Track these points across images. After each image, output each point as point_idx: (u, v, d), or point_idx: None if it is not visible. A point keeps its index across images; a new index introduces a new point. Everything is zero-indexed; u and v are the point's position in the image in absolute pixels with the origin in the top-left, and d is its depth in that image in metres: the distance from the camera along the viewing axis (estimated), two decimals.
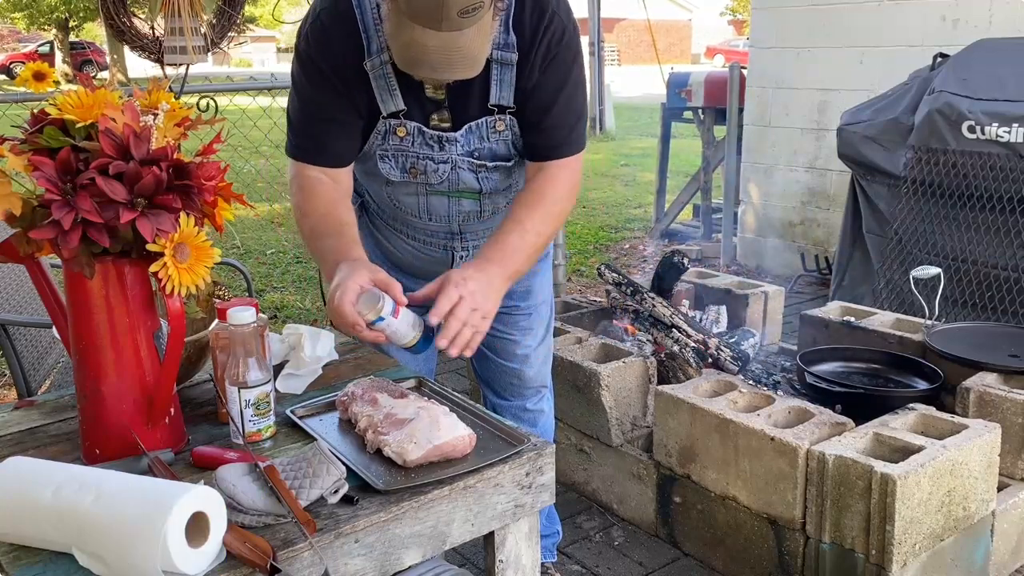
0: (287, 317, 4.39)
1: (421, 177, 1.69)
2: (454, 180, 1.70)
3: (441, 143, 1.65)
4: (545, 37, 1.59)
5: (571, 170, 1.70)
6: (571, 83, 1.65)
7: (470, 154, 1.67)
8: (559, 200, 1.68)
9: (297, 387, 1.56)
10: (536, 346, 2.01)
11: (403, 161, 1.68)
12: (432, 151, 1.66)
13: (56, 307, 1.32)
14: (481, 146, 1.67)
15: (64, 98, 1.15)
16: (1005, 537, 2.26)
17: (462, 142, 1.65)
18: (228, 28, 3.75)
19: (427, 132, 1.64)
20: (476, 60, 1.45)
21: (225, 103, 3.58)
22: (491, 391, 2.06)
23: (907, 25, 4.47)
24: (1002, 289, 3.31)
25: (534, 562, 1.36)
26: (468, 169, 1.69)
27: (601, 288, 4.15)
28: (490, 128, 1.65)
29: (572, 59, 1.64)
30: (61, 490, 1.04)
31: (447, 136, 1.64)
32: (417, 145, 1.65)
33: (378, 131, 1.65)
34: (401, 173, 1.69)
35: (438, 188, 1.71)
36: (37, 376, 2.31)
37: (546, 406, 2.11)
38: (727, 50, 30.20)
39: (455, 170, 1.68)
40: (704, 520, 2.37)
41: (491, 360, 2.01)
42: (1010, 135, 3.24)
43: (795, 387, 2.68)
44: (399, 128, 1.64)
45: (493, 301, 1.52)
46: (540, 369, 2.05)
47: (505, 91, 1.62)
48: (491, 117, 1.64)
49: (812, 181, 5.09)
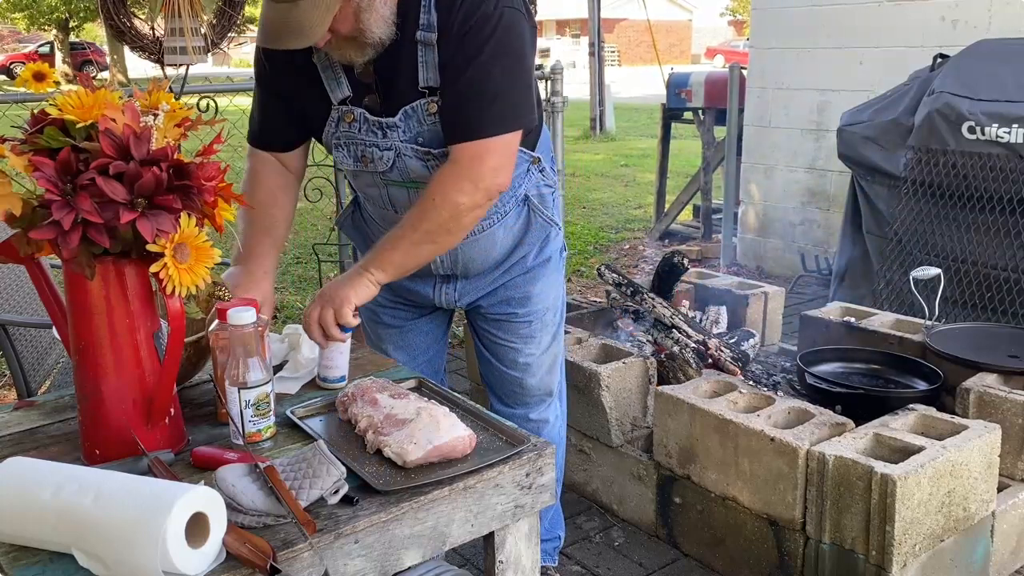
0: (287, 317, 4.39)
1: (371, 166, 1.71)
2: (402, 168, 1.69)
3: (383, 129, 1.66)
4: (461, 10, 1.55)
5: (460, 165, 1.59)
6: (486, 57, 1.56)
7: (414, 140, 1.66)
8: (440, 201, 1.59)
9: (291, 387, 1.56)
10: (539, 354, 1.97)
11: (354, 149, 1.71)
12: (376, 138, 1.67)
13: (56, 307, 1.32)
14: (422, 129, 1.65)
15: (64, 98, 1.14)
16: (1005, 538, 2.26)
17: (402, 127, 1.66)
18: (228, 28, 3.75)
19: (370, 119, 1.66)
20: (304, 31, 1.49)
21: (225, 103, 3.58)
22: (495, 397, 2.03)
23: (907, 25, 4.47)
24: (1002, 290, 3.30)
25: (534, 563, 1.36)
26: (414, 156, 1.67)
27: (601, 288, 4.15)
28: (424, 111, 1.64)
29: (491, 33, 1.55)
30: (61, 490, 1.04)
31: (387, 122, 1.65)
32: (363, 132, 1.68)
33: (331, 119, 1.70)
34: (354, 162, 1.72)
35: (392, 178, 1.72)
36: (37, 376, 2.31)
37: (551, 415, 2.06)
38: (727, 51, 30.23)
39: (400, 158, 1.68)
40: (704, 521, 2.37)
41: (494, 366, 1.99)
42: (1010, 136, 3.24)
43: (795, 388, 2.68)
44: (347, 115, 1.68)
45: (343, 291, 1.58)
46: (544, 378, 2.00)
47: (431, 72, 1.61)
48: (424, 100, 1.63)
49: (812, 182, 5.09)
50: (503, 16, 1.56)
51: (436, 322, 2.03)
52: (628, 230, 6.77)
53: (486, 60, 1.56)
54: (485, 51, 1.55)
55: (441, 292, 1.89)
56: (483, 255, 1.83)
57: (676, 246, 5.90)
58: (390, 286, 1.84)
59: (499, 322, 1.93)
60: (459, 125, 1.59)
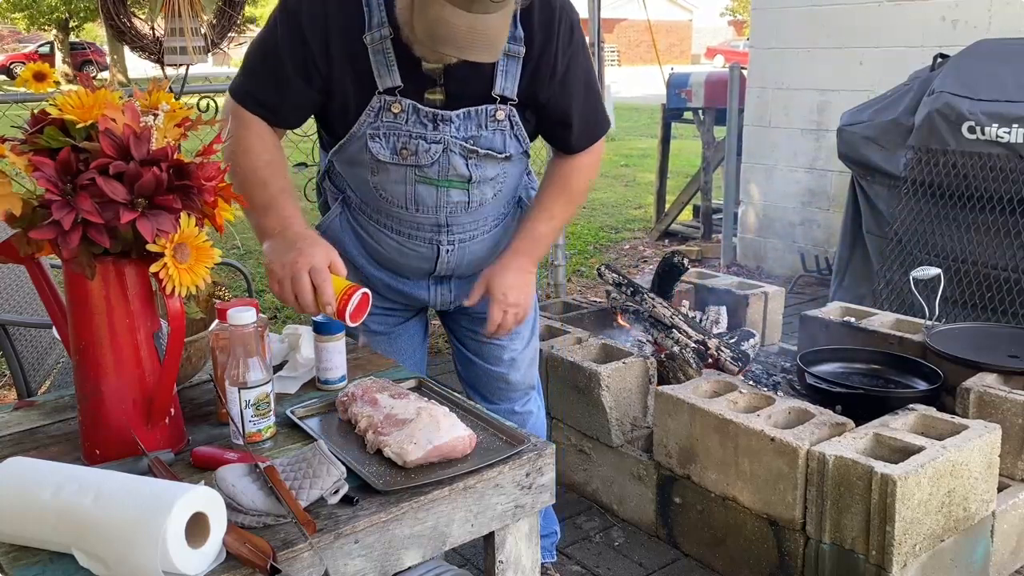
0: (287, 317, 4.39)
1: (411, 159, 1.67)
2: (444, 163, 1.68)
3: (435, 122, 1.65)
4: (559, 37, 1.65)
5: (595, 154, 1.85)
6: (588, 72, 1.75)
7: (465, 140, 1.67)
8: (583, 188, 1.87)
9: (291, 387, 1.56)
10: (522, 349, 2.01)
11: (394, 140, 1.66)
12: (425, 130, 1.65)
13: (56, 307, 1.32)
14: (478, 134, 1.67)
15: (64, 98, 1.14)
16: (1005, 538, 2.26)
17: (458, 124, 1.65)
18: (228, 28, 3.75)
19: (422, 110, 1.64)
20: (496, 45, 1.49)
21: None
22: (478, 396, 2.04)
23: (907, 25, 4.47)
24: (1002, 289, 3.31)
25: (534, 562, 1.36)
26: (460, 154, 1.68)
27: (601, 288, 4.15)
28: (489, 116, 1.66)
29: (584, 51, 1.73)
30: (61, 490, 1.04)
31: (442, 115, 1.64)
32: (411, 123, 1.65)
33: (371, 108, 1.64)
34: (391, 154, 1.67)
35: (427, 175, 1.70)
36: (37, 376, 2.30)
37: (534, 407, 2.10)
38: (727, 51, 30.21)
39: (447, 152, 1.67)
40: (704, 521, 2.37)
41: (478, 365, 2.01)
42: (1010, 136, 3.24)
43: (795, 388, 2.68)
44: (394, 104, 1.63)
45: (528, 291, 1.78)
46: (527, 372, 2.04)
47: (509, 82, 1.64)
48: (491, 105, 1.65)
49: (812, 181, 5.09)
50: (582, 31, 1.73)
51: (419, 325, 2.04)
52: (628, 230, 6.77)
53: (589, 76, 1.76)
54: (587, 70, 1.75)
55: (437, 293, 1.89)
56: (486, 255, 1.85)
57: (676, 246, 5.90)
58: (379, 292, 1.85)
59: (485, 320, 1.94)
60: (597, 124, 1.82)
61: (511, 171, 1.78)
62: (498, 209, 1.83)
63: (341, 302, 1.42)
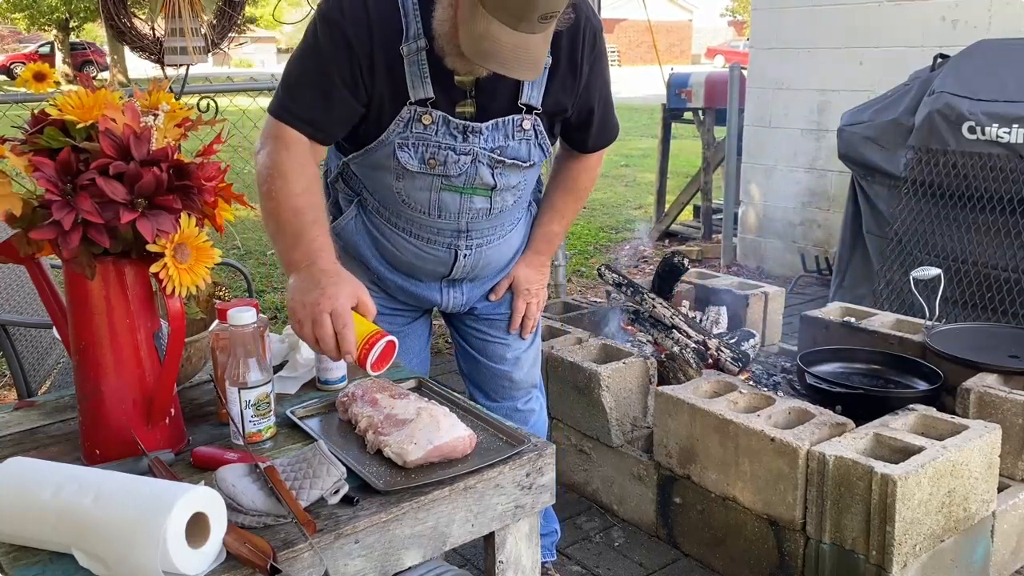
0: (287, 318, 4.39)
1: (439, 168, 1.68)
2: (471, 174, 1.69)
3: (465, 134, 1.65)
4: (584, 44, 1.68)
5: (602, 154, 1.94)
6: (608, 80, 1.82)
7: (492, 150, 1.68)
8: (589, 187, 1.98)
9: (291, 387, 1.56)
10: (526, 348, 2.03)
11: (423, 151, 1.66)
12: (455, 141, 1.66)
13: (56, 307, 1.32)
14: (506, 144, 1.69)
15: (64, 99, 1.14)
16: (1005, 538, 2.26)
17: (487, 135, 1.66)
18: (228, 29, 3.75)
19: (452, 121, 1.64)
20: (539, 63, 1.50)
21: (225, 104, 3.58)
22: (481, 393, 2.05)
23: (907, 25, 4.47)
24: (1002, 290, 3.31)
25: (534, 563, 1.36)
26: (487, 164, 1.69)
27: (601, 289, 4.15)
28: (516, 126, 1.68)
29: (605, 57, 1.78)
30: (61, 490, 1.04)
31: (472, 127, 1.65)
32: (440, 134, 1.65)
33: (401, 118, 1.63)
34: (419, 163, 1.67)
35: (453, 183, 1.70)
36: (37, 376, 2.31)
37: (536, 405, 2.11)
38: (727, 51, 30.22)
39: (475, 163, 1.68)
40: (704, 521, 2.37)
41: (481, 364, 2.02)
42: (1010, 136, 3.24)
43: (795, 388, 2.68)
44: (424, 116, 1.63)
45: (544, 284, 1.98)
46: (530, 370, 2.06)
47: (535, 91, 1.66)
48: (518, 116, 1.67)
49: (812, 182, 5.09)
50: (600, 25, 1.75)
51: (425, 325, 2.04)
52: (628, 230, 6.77)
53: (607, 69, 1.81)
54: (608, 77, 1.81)
55: (449, 296, 1.90)
56: (501, 258, 1.89)
57: (676, 246, 5.90)
58: (390, 293, 1.86)
59: (492, 320, 1.98)
60: (613, 127, 1.90)
61: (530, 177, 1.80)
62: (515, 214, 1.86)
63: (363, 351, 1.36)
